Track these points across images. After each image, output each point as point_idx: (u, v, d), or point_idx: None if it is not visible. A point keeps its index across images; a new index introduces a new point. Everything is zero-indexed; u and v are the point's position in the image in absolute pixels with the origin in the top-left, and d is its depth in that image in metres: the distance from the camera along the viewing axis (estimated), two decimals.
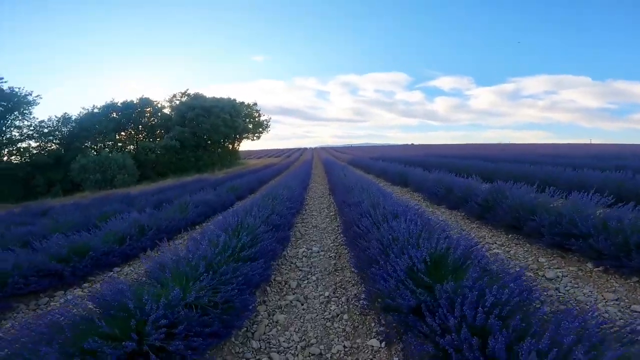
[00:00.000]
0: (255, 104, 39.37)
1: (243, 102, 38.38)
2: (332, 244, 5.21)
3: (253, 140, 39.17)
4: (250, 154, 71.38)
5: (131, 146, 28.87)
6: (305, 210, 7.64)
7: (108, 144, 29.33)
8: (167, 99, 31.32)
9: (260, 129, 39.50)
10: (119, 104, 29.58)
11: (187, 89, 31.30)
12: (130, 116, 29.53)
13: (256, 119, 39.09)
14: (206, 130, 27.40)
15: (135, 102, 30.60)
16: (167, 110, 30.86)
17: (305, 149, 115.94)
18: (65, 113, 27.72)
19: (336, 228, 6.02)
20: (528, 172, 8.32)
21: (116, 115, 29.71)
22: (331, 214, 7.22)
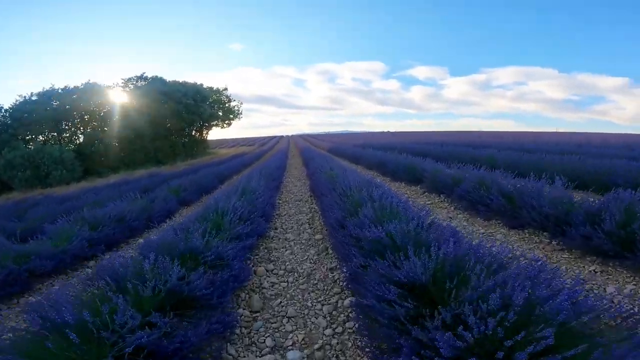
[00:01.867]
0: (225, 89, 35.71)
1: (212, 88, 34.65)
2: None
3: (223, 127, 35.70)
4: (222, 143, 67.10)
5: (76, 138, 24.84)
6: (274, 234, 5.00)
7: (50, 136, 25.15)
8: (119, 84, 27.16)
9: (231, 116, 36.00)
10: (59, 90, 25.26)
11: (144, 73, 27.26)
12: (73, 103, 25.31)
13: (226, 105, 35.51)
14: (165, 117, 23.79)
15: (80, 87, 26.35)
16: (120, 96, 26.78)
17: (282, 136, 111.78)
18: None
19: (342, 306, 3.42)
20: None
21: (58, 103, 25.44)
22: (317, 237, 4.60)
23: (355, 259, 2.67)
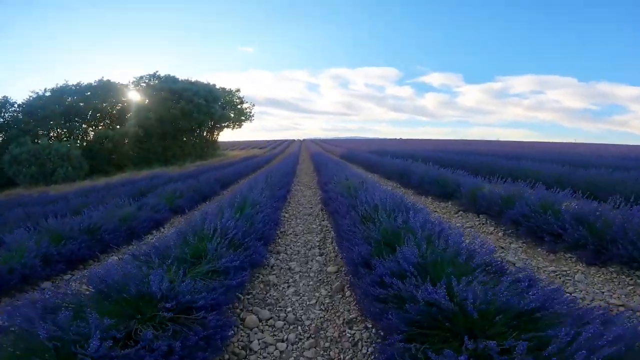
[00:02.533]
0: (238, 91, 35.22)
1: (224, 88, 34.20)
2: None
3: (234, 129, 35.14)
4: (234, 145, 66.89)
5: (87, 135, 24.53)
6: (275, 261, 4.01)
7: (61, 132, 24.93)
8: (132, 82, 26.83)
9: (243, 118, 35.44)
10: (72, 87, 25.08)
11: (157, 71, 26.87)
12: (86, 100, 25.08)
13: (238, 107, 34.98)
14: (175, 117, 23.21)
15: (94, 84, 26.15)
16: (132, 94, 26.45)
17: (293, 140, 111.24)
18: (5, 97, 23.18)
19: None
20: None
21: (70, 99, 25.31)
22: (330, 270, 3.57)
23: (396, 333, 1.65)
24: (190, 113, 23.53)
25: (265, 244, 3.96)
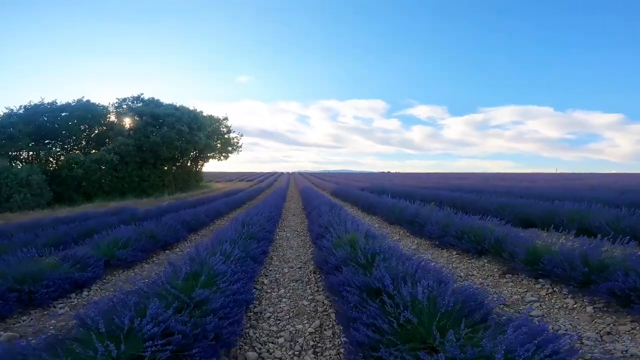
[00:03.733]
0: (225, 119, 34.13)
1: (211, 116, 33.11)
2: None
3: (220, 160, 33.65)
4: (220, 176, 65.02)
5: (56, 159, 22.55)
6: None
7: (30, 154, 22.91)
8: (113, 104, 25.40)
9: (230, 148, 34.12)
10: (47, 105, 23.51)
11: (142, 93, 25.56)
12: (61, 121, 23.44)
13: (225, 136, 33.75)
14: (155, 144, 21.60)
15: (71, 104, 24.65)
16: (113, 117, 24.90)
17: (282, 173, 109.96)
18: None
19: None
20: None
21: (45, 118, 23.62)
22: None
23: None
24: (172, 141, 22.02)
25: (226, 346, 2.39)
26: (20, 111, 23.41)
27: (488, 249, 4.59)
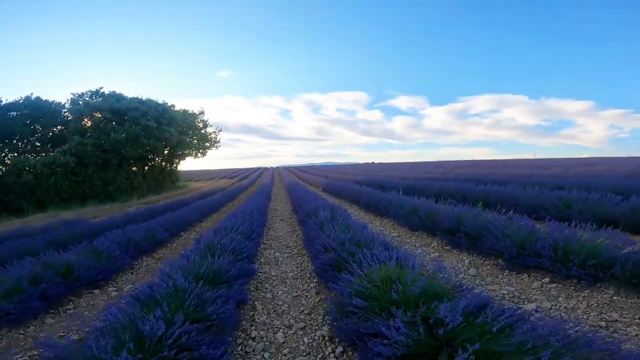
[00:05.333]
0: (202, 113, 31.34)
1: (186, 110, 30.30)
2: None
3: (197, 157, 31.02)
4: (201, 174, 61.80)
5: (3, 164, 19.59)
6: None
7: None
8: (69, 100, 22.37)
9: (207, 144, 31.49)
10: None
11: (101, 87, 22.61)
12: (6, 122, 20.41)
13: (202, 131, 31.07)
14: (117, 142, 18.94)
15: (19, 101, 21.56)
16: (68, 114, 21.90)
17: (266, 168, 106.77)
18: None
19: None
20: None
21: None
22: None
23: None
24: (137, 137, 19.41)
25: None
26: None
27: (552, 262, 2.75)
